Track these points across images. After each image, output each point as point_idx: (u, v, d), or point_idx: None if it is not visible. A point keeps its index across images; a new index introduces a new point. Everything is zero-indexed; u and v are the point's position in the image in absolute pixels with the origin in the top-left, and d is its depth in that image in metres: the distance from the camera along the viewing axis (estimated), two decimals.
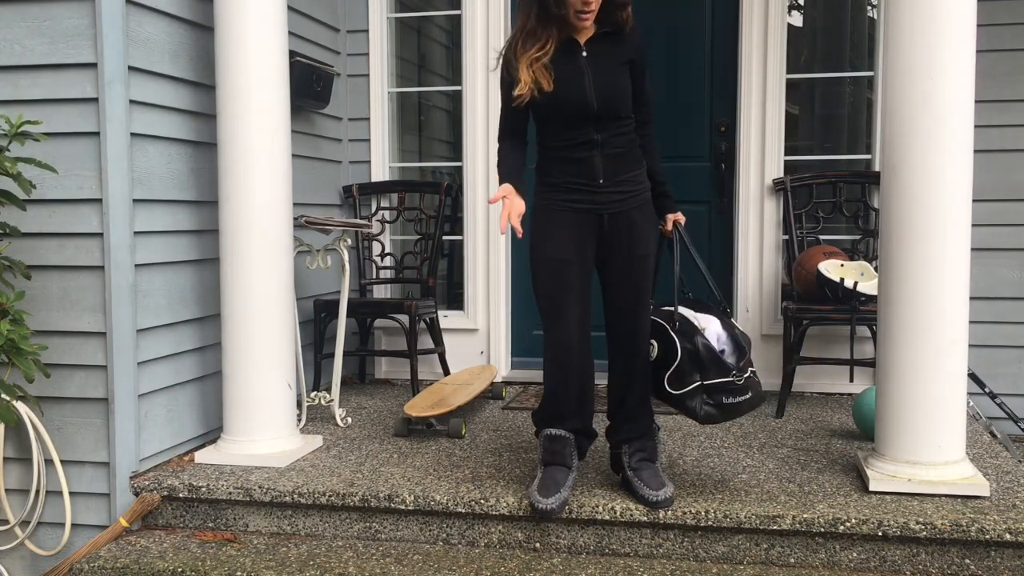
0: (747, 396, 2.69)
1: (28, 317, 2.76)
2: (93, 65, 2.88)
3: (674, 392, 2.71)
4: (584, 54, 2.63)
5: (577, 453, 2.77)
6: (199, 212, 3.34)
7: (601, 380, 2.76)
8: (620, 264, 2.72)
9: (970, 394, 3.40)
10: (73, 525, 2.98)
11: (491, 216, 4.49)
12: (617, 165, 2.69)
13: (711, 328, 2.75)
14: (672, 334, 2.73)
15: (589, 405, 2.78)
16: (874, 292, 3.29)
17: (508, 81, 2.66)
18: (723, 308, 2.86)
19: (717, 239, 4.43)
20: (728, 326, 2.79)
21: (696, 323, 2.75)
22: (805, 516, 2.59)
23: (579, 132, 2.65)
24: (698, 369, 2.68)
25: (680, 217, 2.88)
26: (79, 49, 2.88)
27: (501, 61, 2.69)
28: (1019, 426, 3.98)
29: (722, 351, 2.71)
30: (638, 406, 2.78)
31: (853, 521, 2.57)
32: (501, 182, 2.66)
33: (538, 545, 2.75)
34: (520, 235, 2.56)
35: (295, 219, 3.38)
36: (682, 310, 2.79)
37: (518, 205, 2.60)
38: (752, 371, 2.73)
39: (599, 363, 2.75)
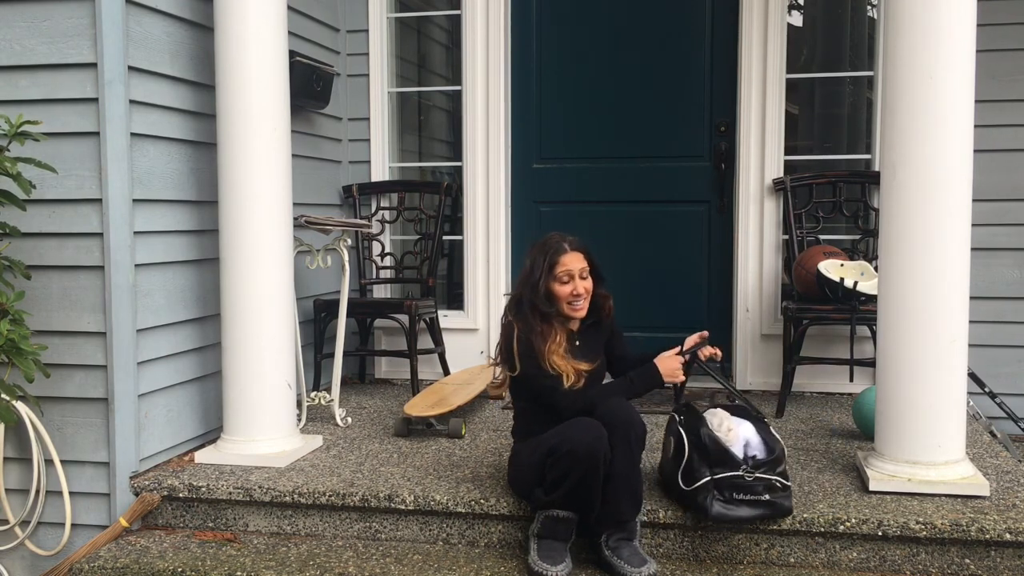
0: (764, 498, 2.54)
1: (28, 317, 2.76)
2: (93, 65, 2.88)
3: (686, 488, 2.60)
4: (577, 343, 2.75)
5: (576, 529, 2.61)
6: (199, 212, 3.34)
7: None
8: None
9: (970, 394, 3.40)
10: (73, 525, 2.98)
11: (491, 216, 4.49)
12: None
13: (740, 431, 2.65)
14: (678, 426, 2.67)
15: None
16: (874, 292, 3.29)
17: (549, 376, 2.64)
18: (759, 416, 2.76)
19: (717, 239, 4.43)
20: (764, 432, 2.67)
21: (712, 418, 2.67)
22: (805, 516, 2.60)
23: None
24: (707, 463, 2.57)
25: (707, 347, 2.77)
26: (79, 49, 2.88)
27: (530, 361, 2.66)
28: (1019, 426, 3.97)
29: (753, 456, 2.59)
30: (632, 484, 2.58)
31: (853, 521, 2.57)
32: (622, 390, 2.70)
33: None
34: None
35: (295, 219, 3.38)
36: (711, 409, 2.75)
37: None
38: (779, 481, 2.58)
39: None
